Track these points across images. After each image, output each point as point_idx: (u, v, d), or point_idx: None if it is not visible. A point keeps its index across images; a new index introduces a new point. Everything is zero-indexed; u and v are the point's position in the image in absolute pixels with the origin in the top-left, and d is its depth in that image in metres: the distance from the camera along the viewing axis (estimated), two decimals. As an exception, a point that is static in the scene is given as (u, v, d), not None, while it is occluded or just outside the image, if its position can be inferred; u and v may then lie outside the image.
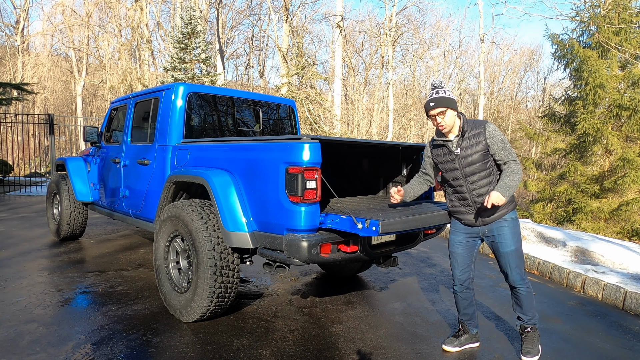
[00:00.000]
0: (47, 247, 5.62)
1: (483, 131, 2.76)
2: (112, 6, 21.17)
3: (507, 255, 2.84)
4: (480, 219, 2.86)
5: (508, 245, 2.82)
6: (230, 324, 3.33)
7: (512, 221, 2.85)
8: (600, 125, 9.34)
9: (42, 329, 3.13)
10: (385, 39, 20.96)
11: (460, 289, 3.03)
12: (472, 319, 3.12)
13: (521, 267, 2.87)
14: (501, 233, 2.83)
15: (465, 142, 2.79)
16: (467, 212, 2.90)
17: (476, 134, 2.78)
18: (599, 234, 8.47)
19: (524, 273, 2.89)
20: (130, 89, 18.49)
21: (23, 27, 23.97)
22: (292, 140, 2.77)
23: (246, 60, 30.57)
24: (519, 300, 2.92)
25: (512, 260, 2.84)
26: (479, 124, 2.80)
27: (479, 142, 2.76)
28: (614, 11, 9.43)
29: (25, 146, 19.43)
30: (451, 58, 28.86)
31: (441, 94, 2.77)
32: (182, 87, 3.98)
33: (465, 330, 3.13)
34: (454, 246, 3.01)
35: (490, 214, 2.81)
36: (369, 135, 20.12)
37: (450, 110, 2.76)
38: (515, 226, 2.87)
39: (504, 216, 2.82)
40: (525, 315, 2.93)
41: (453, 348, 3.08)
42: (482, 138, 2.75)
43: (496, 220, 2.84)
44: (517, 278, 2.86)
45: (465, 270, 3.01)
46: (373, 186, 4.31)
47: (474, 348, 3.10)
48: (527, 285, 2.89)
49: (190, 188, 3.74)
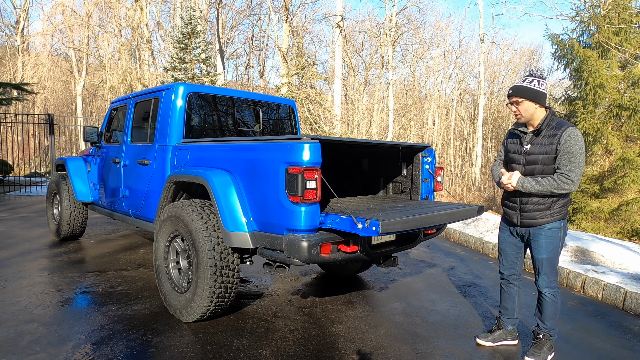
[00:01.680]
0: (47, 247, 5.62)
1: (560, 135, 2.63)
2: (112, 6, 21.16)
3: (538, 261, 2.85)
4: (521, 221, 2.85)
5: (541, 252, 2.82)
6: (230, 324, 3.33)
7: (551, 231, 2.77)
8: (600, 125, 9.34)
9: (42, 329, 3.13)
10: (385, 39, 20.96)
11: (504, 282, 3.12)
12: (509, 314, 3.13)
13: (550, 275, 2.84)
14: (536, 240, 2.83)
15: (537, 140, 2.73)
16: (512, 210, 2.90)
17: (552, 135, 2.67)
18: (599, 234, 8.47)
19: (552, 282, 2.86)
20: (130, 89, 18.48)
21: (23, 27, 23.96)
22: (292, 140, 2.77)
23: (246, 60, 30.58)
24: (542, 305, 2.92)
25: (541, 266, 2.85)
26: (560, 126, 2.67)
27: (550, 144, 2.66)
28: (614, 11, 9.43)
29: (25, 146, 19.43)
30: (451, 58, 28.85)
31: (525, 84, 2.71)
32: (182, 87, 3.98)
33: (500, 326, 3.15)
34: (501, 242, 3.08)
35: (531, 219, 2.79)
36: (369, 135, 20.12)
37: (527, 102, 2.69)
38: (554, 237, 2.78)
39: (544, 224, 2.78)
40: (543, 324, 2.92)
41: (486, 342, 3.09)
42: (555, 141, 2.64)
43: (535, 226, 2.82)
44: (543, 284, 2.87)
45: (509, 267, 3.07)
46: (373, 186, 4.31)
47: (510, 346, 3.09)
48: (553, 294, 2.86)
49: (190, 188, 3.74)
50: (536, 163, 2.72)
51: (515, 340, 3.15)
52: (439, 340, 3.18)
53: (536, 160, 2.72)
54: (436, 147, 26.03)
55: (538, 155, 2.71)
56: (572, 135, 2.61)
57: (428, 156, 3.80)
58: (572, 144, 2.60)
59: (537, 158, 2.71)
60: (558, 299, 2.88)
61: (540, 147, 2.71)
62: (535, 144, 2.73)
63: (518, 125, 2.88)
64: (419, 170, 3.84)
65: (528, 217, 2.80)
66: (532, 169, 2.74)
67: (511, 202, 2.91)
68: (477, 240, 6.39)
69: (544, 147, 2.69)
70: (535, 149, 2.73)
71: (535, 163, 2.73)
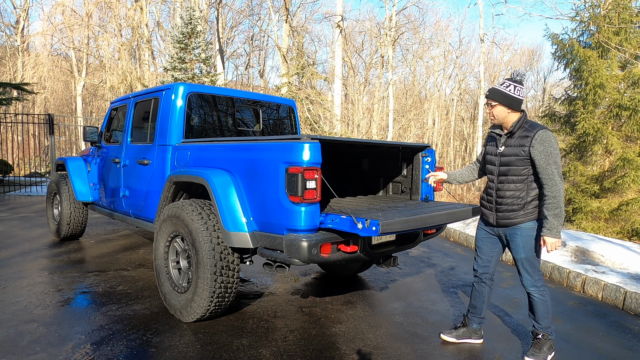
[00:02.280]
0: (47, 247, 5.62)
1: (531, 137, 2.68)
2: (112, 6, 21.16)
3: (518, 261, 2.89)
4: (496, 221, 2.90)
5: (519, 252, 2.86)
6: (230, 324, 3.33)
7: (527, 230, 2.80)
8: (600, 125, 9.34)
9: (42, 329, 3.13)
10: (385, 39, 20.95)
11: (476, 280, 3.14)
12: (477, 313, 3.15)
13: (533, 274, 2.86)
14: (513, 240, 2.87)
15: (510, 142, 2.79)
16: (488, 210, 2.95)
17: (524, 137, 2.72)
18: (599, 234, 8.47)
19: (537, 280, 2.88)
20: (130, 89, 18.48)
21: (23, 27, 23.96)
22: (292, 140, 2.77)
23: (246, 60, 30.58)
24: (532, 305, 2.94)
25: (521, 266, 2.88)
26: (532, 128, 2.72)
27: (522, 146, 2.71)
28: (614, 11, 9.43)
29: (25, 146, 19.43)
30: (451, 58, 28.85)
31: (501, 88, 2.78)
32: (182, 87, 3.98)
33: (466, 323, 3.18)
34: (478, 240, 3.13)
35: (505, 219, 2.84)
36: (369, 135, 20.12)
37: (500, 106, 2.77)
38: (529, 236, 2.81)
39: (519, 224, 2.81)
40: (538, 324, 2.94)
41: (450, 338, 3.15)
42: (527, 144, 2.69)
43: (510, 227, 2.86)
44: (527, 283, 2.89)
45: (483, 265, 3.10)
46: (373, 186, 4.31)
47: (475, 345, 3.11)
48: (540, 293, 2.88)
49: (190, 188, 3.74)
50: (509, 164, 2.79)
51: (480, 340, 3.18)
52: (439, 340, 3.18)
53: (509, 161, 2.79)
54: (436, 147, 26.04)
55: (511, 156, 2.78)
56: (544, 138, 2.65)
57: (428, 156, 3.80)
58: (545, 146, 2.64)
59: (510, 159, 2.78)
60: (547, 297, 2.90)
61: (512, 149, 2.77)
62: (509, 145, 2.80)
63: (494, 127, 2.95)
64: (419, 170, 3.84)
65: (503, 217, 2.85)
66: (506, 170, 2.81)
67: (488, 202, 2.97)
68: (477, 240, 6.38)
69: (516, 148, 2.75)
70: (508, 150, 2.79)
71: (508, 164, 2.80)
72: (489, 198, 2.94)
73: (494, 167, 2.88)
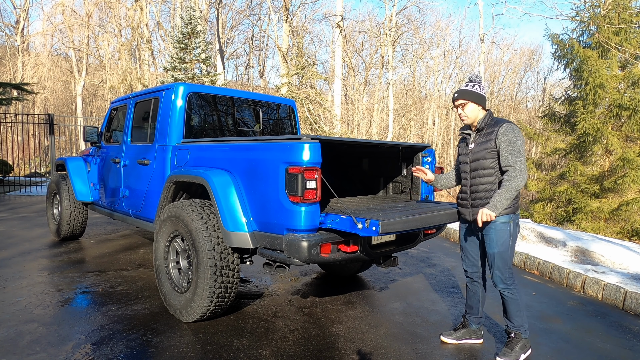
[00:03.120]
0: (47, 247, 5.62)
1: (497, 130, 2.77)
2: (112, 6, 21.16)
3: (490, 256, 2.91)
4: (472, 217, 2.93)
5: (492, 247, 2.86)
6: (230, 324, 3.33)
7: (501, 225, 2.81)
8: (600, 125, 9.34)
9: (42, 329, 3.13)
10: (385, 39, 20.96)
11: (468, 280, 3.15)
12: (474, 313, 3.15)
13: (503, 271, 2.86)
14: (488, 234, 2.88)
15: (479, 139, 2.87)
16: (464, 207, 2.98)
17: (490, 132, 2.81)
18: (599, 234, 8.47)
19: (507, 278, 2.87)
20: (130, 89, 18.48)
21: (23, 27, 23.96)
22: (292, 140, 2.77)
23: (246, 60, 30.59)
24: (503, 303, 2.98)
25: (492, 261, 2.89)
26: (497, 123, 2.81)
27: (489, 140, 2.80)
28: (614, 11, 9.43)
29: (25, 146, 19.43)
30: (451, 58, 28.86)
31: (468, 88, 2.87)
32: (182, 87, 3.98)
33: (465, 324, 3.18)
34: (461, 240, 3.18)
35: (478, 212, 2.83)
36: (369, 135, 20.12)
37: (471, 104, 2.85)
38: (503, 230, 2.81)
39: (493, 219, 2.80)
40: (511, 322, 2.96)
41: (449, 340, 3.14)
42: (493, 137, 2.78)
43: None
44: (497, 280, 2.90)
45: (471, 264, 3.12)
46: (373, 186, 4.31)
47: (475, 345, 3.11)
48: (510, 291, 2.89)
49: (190, 188, 3.74)
50: (479, 159, 2.85)
51: (480, 339, 3.18)
52: (439, 340, 3.18)
53: (478, 157, 2.86)
54: (436, 147, 26.05)
55: (480, 152, 2.85)
56: (507, 130, 2.73)
57: (428, 156, 3.80)
58: (509, 137, 2.71)
59: (479, 154, 2.85)
60: (517, 296, 2.90)
61: (482, 144, 2.84)
62: (478, 142, 2.88)
63: (464, 128, 3.02)
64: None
65: (477, 213, 2.85)
66: (477, 165, 2.87)
67: (463, 200, 3.00)
68: (477, 240, 6.38)
69: (484, 143, 2.83)
70: (477, 147, 2.87)
71: (479, 159, 2.86)
72: (463, 195, 2.99)
73: (467, 165, 2.94)
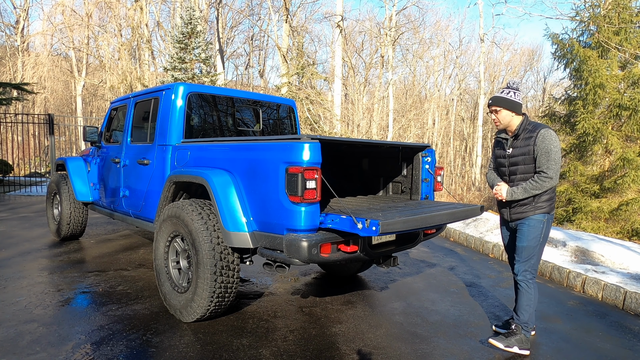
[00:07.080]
0: (47, 247, 5.62)
1: (535, 137, 2.90)
2: (112, 6, 21.15)
3: (518, 249, 3.05)
4: (510, 216, 3.09)
5: (522, 240, 3.02)
6: (230, 324, 3.33)
7: (535, 221, 2.98)
8: (600, 125, 9.33)
9: (42, 329, 3.13)
10: (385, 38, 20.95)
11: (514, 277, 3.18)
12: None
13: (527, 264, 3.01)
14: (520, 229, 3.04)
15: (516, 144, 3.02)
16: (503, 208, 3.15)
17: (528, 138, 2.94)
18: (599, 233, 8.47)
19: (528, 271, 3.02)
20: (130, 89, 18.47)
21: (23, 27, 23.95)
22: (292, 140, 2.77)
23: (246, 60, 30.58)
24: (517, 293, 3.09)
25: (519, 253, 3.04)
26: (535, 128, 2.94)
27: (527, 145, 2.94)
28: (614, 11, 9.42)
29: (25, 146, 19.43)
30: (451, 58, 28.84)
31: (502, 95, 3.01)
32: (182, 87, 3.98)
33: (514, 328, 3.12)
34: (503, 240, 3.36)
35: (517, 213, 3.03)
36: (369, 135, 20.12)
37: (505, 111, 2.99)
38: (536, 227, 2.98)
39: (529, 216, 2.99)
40: (517, 316, 3.08)
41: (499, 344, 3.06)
42: (531, 142, 2.92)
43: (521, 219, 3.04)
44: (519, 269, 3.04)
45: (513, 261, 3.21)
46: (373, 186, 4.31)
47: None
48: (527, 283, 3.02)
49: (190, 188, 3.74)
50: (518, 164, 3.02)
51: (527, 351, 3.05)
52: (439, 340, 3.18)
53: (517, 161, 3.02)
54: (436, 147, 26.04)
55: (519, 156, 3.00)
56: (545, 136, 2.87)
57: (428, 156, 3.80)
58: (546, 144, 2.86)
59: (518, 159, 3.01)
60: (532, 292, 3.01)
61: (519, 149, 3.00)
62: (516, 147, 3.03)
63: (500, 132, 3.16)
64: (419, 170, 3.84)
65: (516, 212, 3.05)
66: (516, 169, 3.04)
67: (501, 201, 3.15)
68: (477, 240, 6.39)
69: (522, 148, 2.98)
70: (516, 151, 3.02)
71: (517, 164, 3.02)
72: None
73: (505, 168, 3.11)
